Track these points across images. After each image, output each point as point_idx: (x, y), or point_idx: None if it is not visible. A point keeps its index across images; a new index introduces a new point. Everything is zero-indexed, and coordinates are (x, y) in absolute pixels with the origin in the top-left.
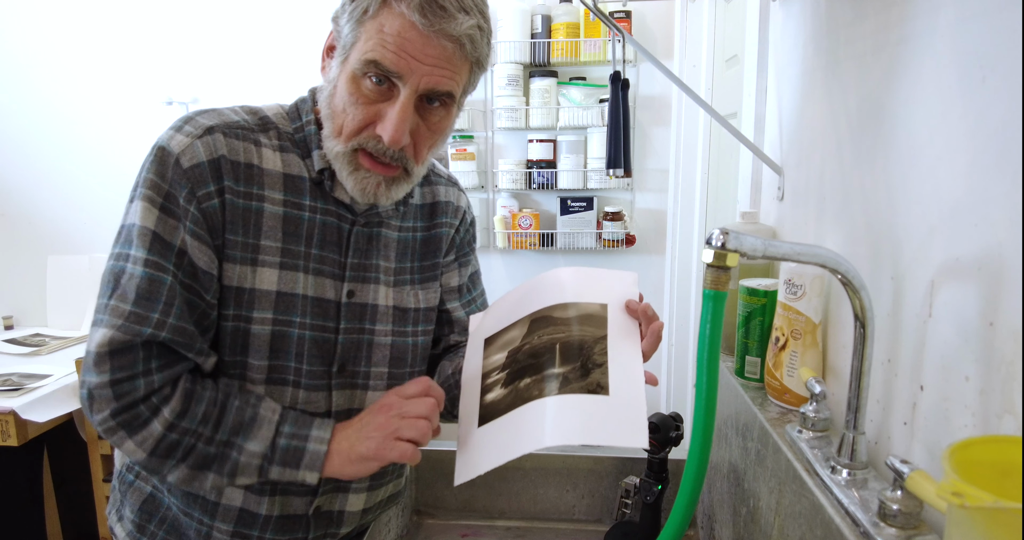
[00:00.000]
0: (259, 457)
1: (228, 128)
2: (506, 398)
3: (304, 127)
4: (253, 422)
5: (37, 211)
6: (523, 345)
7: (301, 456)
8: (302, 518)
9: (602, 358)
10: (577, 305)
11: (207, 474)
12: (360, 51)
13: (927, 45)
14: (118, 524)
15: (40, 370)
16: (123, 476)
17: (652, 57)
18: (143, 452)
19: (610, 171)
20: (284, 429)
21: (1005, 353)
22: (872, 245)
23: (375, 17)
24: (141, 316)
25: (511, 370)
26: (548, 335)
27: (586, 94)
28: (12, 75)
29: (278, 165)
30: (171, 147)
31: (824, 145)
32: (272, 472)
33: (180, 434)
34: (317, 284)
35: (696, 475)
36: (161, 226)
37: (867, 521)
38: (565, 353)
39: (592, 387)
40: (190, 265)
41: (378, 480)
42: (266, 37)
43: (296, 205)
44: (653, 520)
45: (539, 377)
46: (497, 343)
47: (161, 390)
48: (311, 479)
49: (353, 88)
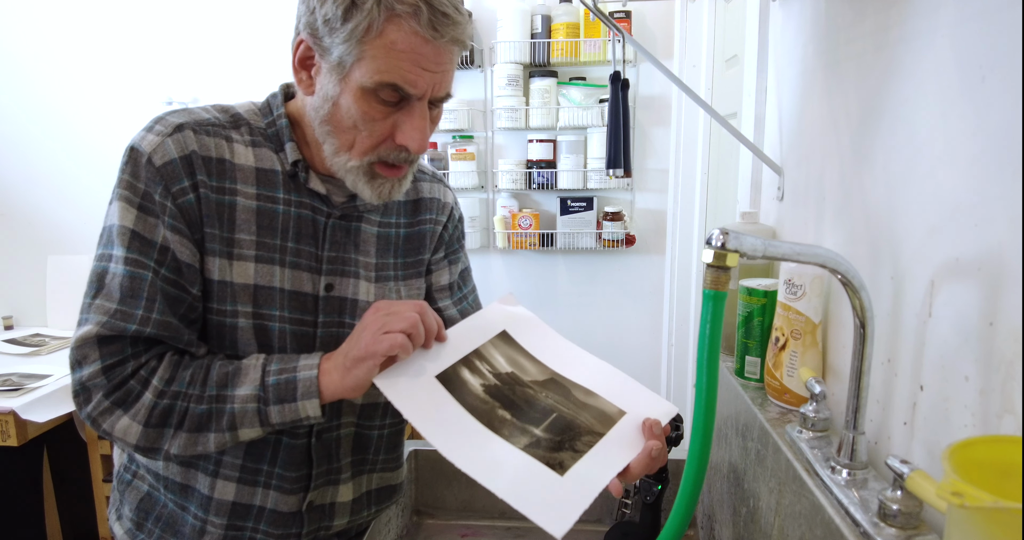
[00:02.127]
0: (253, 400)
1: (198, 125)
2: (477, 401)
3: (276, 121)
4: (239, 371)
5: (37, 211)
6: (528, 387)
7: (295, 386)
8: (296, 514)
9: (583, 449)
10: (599, 400)
11: (207, 435)
12: (369, 71)
13: (927, 45)
14: (117, 523)
15: (40, 370)
16: (121, 476)
17: (652, 57)
18: (138, 424)
19: (610, 171)
20: (271, 367)
21: (1005, 353)
22: (872, 245)
23: (381, 35)
24: (126, 313)
25: (502, 389)
26: (554, 401)
27: (586, 94)
28: (12, 75)
29: (250, 160)
30: (142, 147)
31: (824, 145)
32: (272, 414)
33: (171, 399)
34: (294, 277)
35: (696, 475)
36: (140, 224)
37: (867, 521)
38: (555, 424)
39: (553, 462)
40: (174, 260)
41: (360, 468)
42: (266, 37)
43: (270, 198)
44: (653, 520)
45: (518, 424)
46: (509, 349)
47: (148, 364)
48: (313, 410)
49: (365, 106)
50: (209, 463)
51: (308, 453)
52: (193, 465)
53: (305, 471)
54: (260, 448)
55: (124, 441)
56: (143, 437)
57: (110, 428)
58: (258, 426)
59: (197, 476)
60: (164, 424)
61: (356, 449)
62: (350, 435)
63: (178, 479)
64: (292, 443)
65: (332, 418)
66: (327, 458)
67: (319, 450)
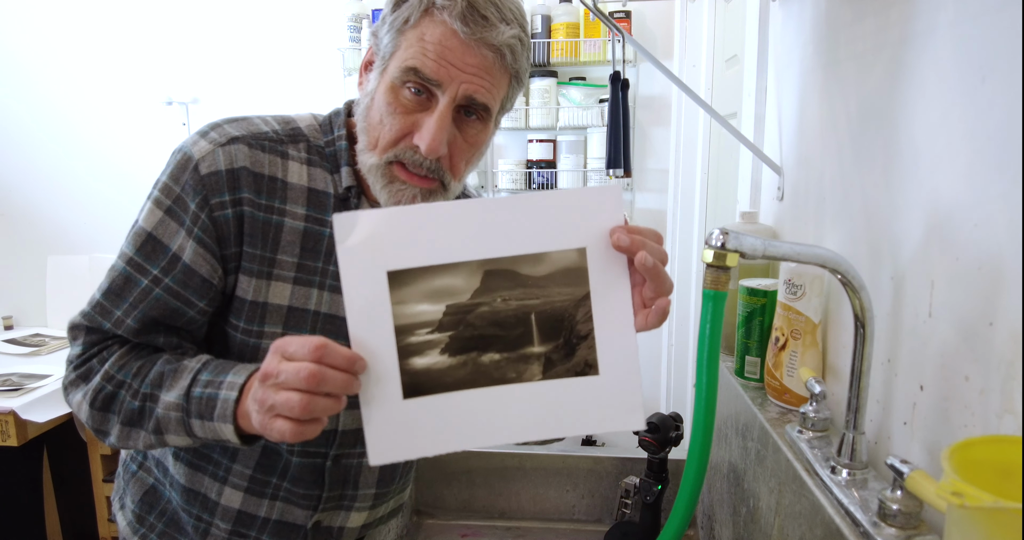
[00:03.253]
0: (176, 408)
1: (254, 139)
2: (457, 371)
3: (335, 141)
4: (174, 372)
5: (37, 211)
6: (477, 305)
7: (214, 405)
8: (300, 528)
9: (587, 326)
10: (550, 256)
11: (139, 432)
12: (400, 59)
13: (927, 45)
14: (120, 512)
15: (40, 370)
16: (127, 465)
17: (652, 57)
18: (87, 404)
19: (610, 171)
20: (201, 377)
21: (1005, 353)
22: (872, 245)
23: (416, 26)
24: (106, 310)
25: (459, 334)
26: (517, 300)
27: (586, 94)
28: (12, 75)
29: (303, 179)
30: (193, 152)
31: (824, 145)
32: (195, 427)
33: (115, 386)
34: (333, 301)
35: (696, 475)
36: (160, 229)
37: (867, 521)
38: (543, 326)
39: (580, 368)
40: (183, 272)
41: (381, 499)
42: (266, 37)
43: (318, 221)
44: (653, 520)
45: (512, 355)
46: (419, 286)
47: (111, 346)
48: (227, 433)
49: (391, 97)
50: (219, 469)
51: (321, 474)
52: (201, 469)
53: (316, 491)
54: (272, 461)
55: (79, 418)
56: (91, 418)
57: (70, 402)
58: (184, 435)
59: (204, 480)
60: (107, 409)
61: (382, 481)
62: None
63: (183, 482)
64: (304, 462)
65: (353, 445)
66: (342, 483)
67: (334, 474)
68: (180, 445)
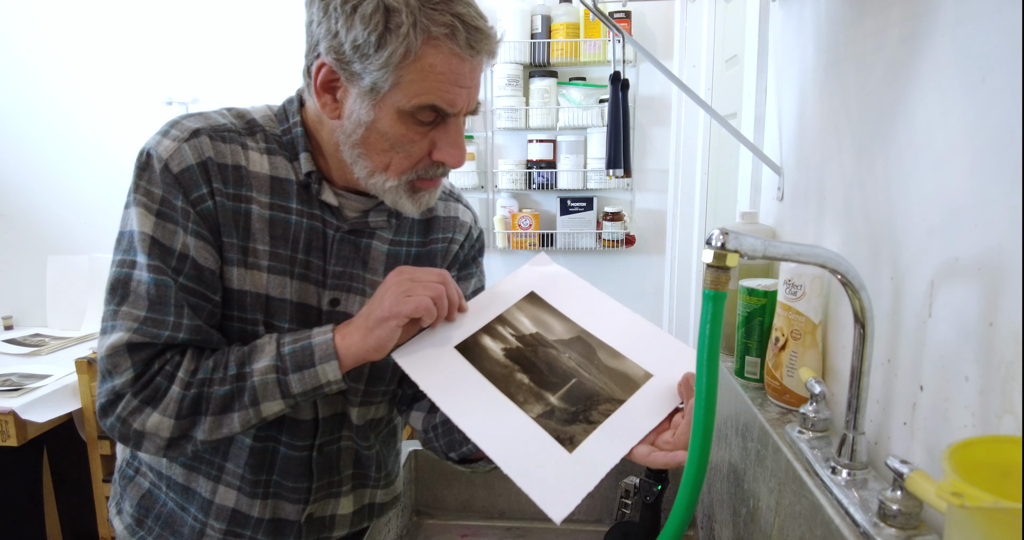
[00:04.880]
0: (272, 371)
1: (214, 131)
2: (495, 365)
3: (291, 129)
4: (254, 349)
5: (37, 211)
6: (551, 347)
7: (311, 352)
8: (294, 524)
9: (599, 419)
10: (625, 361)
11: (231, 415)
12: (407, 94)
13: (927, 45)
14: (117, 517)
15: (40, 370)
16: (123, 471)
17: (652, 57)
18: (169, 418)
19: (610, 171)
20: (285, 340)
21: (1005, 353)
22: (872, 245)
23: (419, 59)
24: (157, 320)
25: (523, 350)
26: (575, 364)
27: (586, 94)
28: (12, 75)
29: (265, 168)
30: (159, 152)
31: (824, 145)
32: (292, 384)
33: (198, 387)
34: (302, 289)
35: (696, 475)
36: (160, 231)
37: (867, 521)
38: (573, 390)
39: (563, 436)
40: (193, 268)
41: (361, 480)
42: (266, 37)
43: (283, 208)
44: (653, 520)
45: (534, 388)
46: (535, 312)
47: (172, 360)
48: (333, 374)
49: (403, 129)
50: (212, 468)
51: (309, 466)
52: (196, 468)
53: (306, 484)
54: (261, 459)
55: (157, 436)
56: (176, 428)
57: (141, 426)
58: (279, 398)
59: (199, 479)
60: (195, 413)
61: (356, 464)
62: (350, 449)
63: (180, 480)
64: (293, 455)
65: (333, 431)
66: (328, 471)
67: (320, 464)
68: (274, 413)
